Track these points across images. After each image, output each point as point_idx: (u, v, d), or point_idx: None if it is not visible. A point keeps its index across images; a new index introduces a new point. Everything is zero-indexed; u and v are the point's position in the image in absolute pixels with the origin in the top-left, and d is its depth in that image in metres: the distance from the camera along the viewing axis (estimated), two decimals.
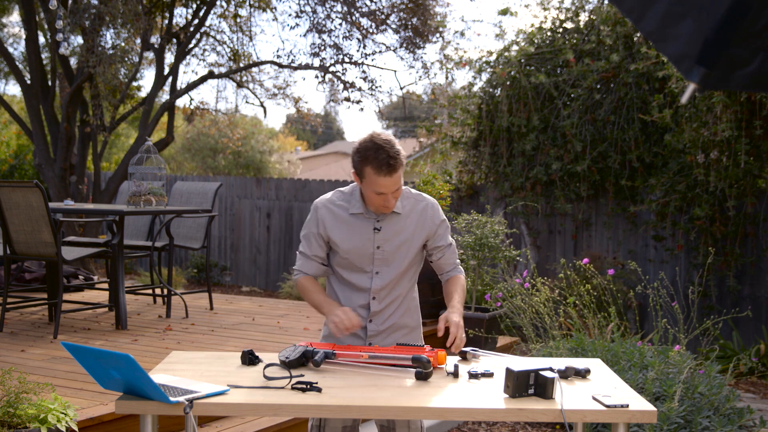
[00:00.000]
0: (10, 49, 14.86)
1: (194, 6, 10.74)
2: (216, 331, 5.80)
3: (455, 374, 2.52)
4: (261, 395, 2.30)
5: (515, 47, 8.38)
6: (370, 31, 10.45)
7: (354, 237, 2.85)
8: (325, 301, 2.85)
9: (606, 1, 8.08)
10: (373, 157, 2.68)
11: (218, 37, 11.63)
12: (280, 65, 10.75)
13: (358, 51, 10.65)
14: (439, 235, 2.94)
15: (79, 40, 10.66)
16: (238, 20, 11.35)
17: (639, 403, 2.28)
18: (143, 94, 12.10)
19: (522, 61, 8.11)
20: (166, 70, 10.29)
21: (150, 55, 11.07)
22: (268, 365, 2.57)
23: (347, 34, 10.51)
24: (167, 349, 5.00)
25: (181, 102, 21.40)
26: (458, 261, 3.03)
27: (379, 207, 2.79)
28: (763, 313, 7.03)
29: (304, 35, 10.66)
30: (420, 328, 3.04)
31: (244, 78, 11.71)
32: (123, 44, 9.99)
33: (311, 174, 23.61)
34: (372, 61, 12.50)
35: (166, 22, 10.53)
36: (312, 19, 10.56)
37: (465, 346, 2.81)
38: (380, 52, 10.72)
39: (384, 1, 10.43)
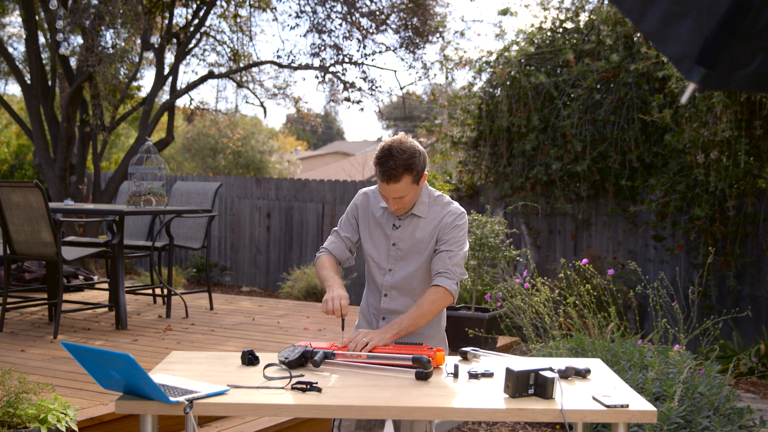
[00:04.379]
0: (10, 49, 14.87)
1: (194, 6, 10.74)
2: (216, 331, 5.80)
3: (455, 374, 2.52)
4: (261, 395, 2.30)
5: (515, 47, 8.37)
6: (370, 31, 10.44)
7: (376, 229, 2.93)
8: (331, 278, 2.86)
9: (606, 1, 8.08)
10: (379, 163, 2.75)
11: (218, 37, 11.63)
12: (280, 65, 10.75)
13: (358, 51, 10.64)
14: (442, 239, 2.84)
15: (79, 40, 10.66)
16: (238, 20, 11.35)
17: (639, 403, 2.28)
18: (143, 94, 12.09)
19: (522, 61, 8.10)
20: (166, 70, 10.29)
21: (150, 55, 11.06)
22: (268, 365, 2.57)
23: (347, 35, 10.50)
24: (167, 349, 5.00)
25: (181, 102, 21.39)
26: (451, 271, 2.81)
27: (390, 207, 2.85)
28: (763, 313, 7.03)
29: (304, 35, 10.65)
30: (440, 339, 2.97)
31: (244, 78, 11.70)
32: (123, 44, 9.98)
33: (311, 174, 23.60)
34: (372, 61, 12.47)
35: (166, 22, 10.53)
36: (312, 19, 10.55)
37: (465, 347, 2.81)
38: (380, 52, 10.71)
39: (384, 1, 10.42)
